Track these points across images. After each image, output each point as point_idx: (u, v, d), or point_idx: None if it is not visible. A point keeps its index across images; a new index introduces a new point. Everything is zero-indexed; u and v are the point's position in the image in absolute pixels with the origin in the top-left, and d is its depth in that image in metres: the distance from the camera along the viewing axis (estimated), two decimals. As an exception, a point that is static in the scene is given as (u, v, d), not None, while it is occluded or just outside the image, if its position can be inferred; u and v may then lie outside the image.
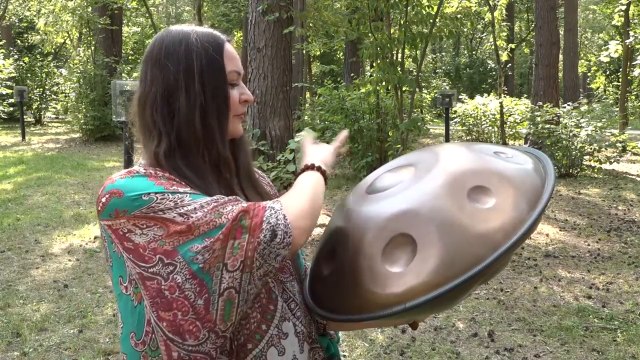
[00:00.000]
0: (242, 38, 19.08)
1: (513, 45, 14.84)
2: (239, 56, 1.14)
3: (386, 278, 0.98)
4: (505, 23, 19.66)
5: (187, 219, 0.94)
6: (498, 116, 11.33)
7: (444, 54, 33.72)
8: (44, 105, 21.00)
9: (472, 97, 15.15)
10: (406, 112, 7.99)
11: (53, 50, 23.24)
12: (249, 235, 0.93)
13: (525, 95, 20.15)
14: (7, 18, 22.47)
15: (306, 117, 13.80)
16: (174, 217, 0.94)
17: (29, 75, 19.97)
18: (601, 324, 3.85)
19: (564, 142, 9.68)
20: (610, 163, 10.25)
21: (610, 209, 7.40)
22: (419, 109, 15.82)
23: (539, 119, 10.35)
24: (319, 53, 22.40)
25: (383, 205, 1.05)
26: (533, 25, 13.02)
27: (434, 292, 0.93)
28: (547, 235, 6.17)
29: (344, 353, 3.45)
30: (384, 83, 7.39)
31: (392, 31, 7.41)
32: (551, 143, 9.73)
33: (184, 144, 1.04)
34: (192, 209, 0.95)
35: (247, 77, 6.46)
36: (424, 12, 7.07)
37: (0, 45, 17.98)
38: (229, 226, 0.93)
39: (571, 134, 9.75)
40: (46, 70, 20.18)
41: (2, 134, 17.35)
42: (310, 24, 10.56)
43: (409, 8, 6.91)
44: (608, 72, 28.66)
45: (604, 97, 25.94)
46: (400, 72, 6.97)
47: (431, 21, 7.00)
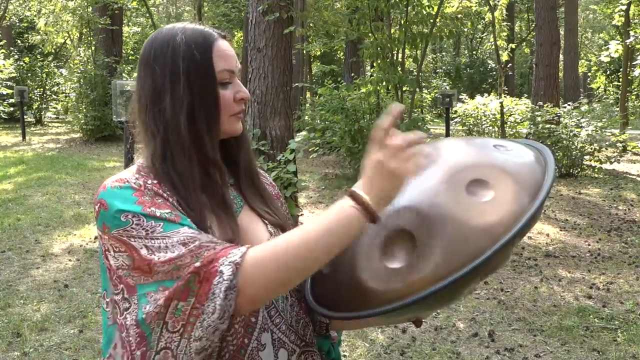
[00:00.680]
0: (242, 38, 19.08)
1: (513, 45, 14.83)
2: (235, 53, 1.11)
3: (386, 274, 0.98)
4: (505, 23, 19.66)
5: (151, 255, 0.92)
6: (498, 116, 11.33)
7: (444, 54, 33.71)
8: (45, 105, 21.01)
9: (472, 97, 15.14)
10: (406, 112, 7.99)
11: (53, 50, 23.23)
12: (194, 301, 0.90)
13: (526, 95, 20.15)
14: (8, 18, 22.46)
15: (306, 117, 13.80)
16: (141, 249, 0.93)
17: (29, 75, 19.98)
18: (601, 324, 3.85)
19: (565, 142, 9.67)
20: (611, 163, 10.25)
21: (611, 209, 7.40)
22: (420, 109, 15.82)
23: (539, 118, 10.35)
24: (319, 53, 22.40)
25: None
26: (533, 25, 13.02)
27: (433, 286, 0.93)
28: (548, 235, 6.17)
29: (344, 353, 3.45)
30: (384, 83, 7.39)
31: (392, 31, 7.41)
32: (551, 143, 9.72)
33: (172, 146, 1.03)
34: (158, 247, 0.93)
35: (248, 77, 6.46)
36: (424, 12, 7.07)
37: (1, 45, 17.98)
38: (177, 286, 0.90)
39: (571, 134, 9.75)
40: (46, 70, 20.18)
41: (3, 134, 17.35)
42: (311, 24, 10.56)
43: (409, 8, 6.91)
44: (608, 72, 28.65)
45: (604, 97, 25.92)
46: (400, 72, 6.97)
47: (431, 21, 7.00)
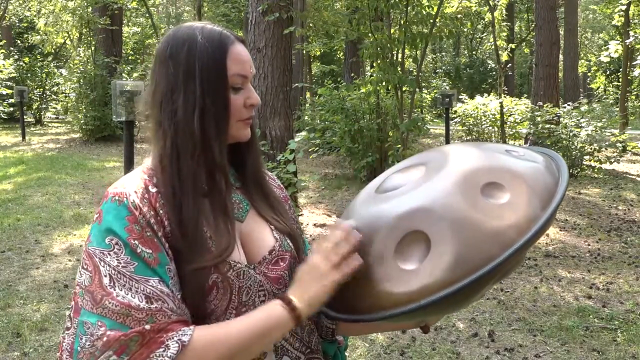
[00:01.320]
0: (242, 38, 19.05)
1: (513, 45, 14.82)
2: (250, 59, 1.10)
3: (399, 276, 0.97)
4: (505, 23, 19.66)
5: (110, 288, 0.91)
6: (498, 116, 11.32)
7: (444, 54, 33.72)
8: (44, 106, 21.02)
9: (472, 97, 15.14)
10: (406, 112, 7.99)
11: (53, 51, 23.23)
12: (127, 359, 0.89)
13: (526, 95, 20.15)
14: (8, 18, 22.46)
15: (306, 117, 13.80)
16: (105, 276, 0.92)
17: (29, 75, 19.98)
18: (601, 324, 3.85)
19: (564, 142, 9.68)
20: (611, 163, 10.25)
21: (611, 209, 7.40)
22: (419, 109, 15.83)
23: (539, 119, 10.35)
24: (319, 53, 22.40)
25: (394, 204, 1.04)
26: (533, 25, 13.02)
27: (448, 289, 0.91)
28: (548, 235, 6.17)
29: (345, 353, 3.45)
30: (384, 83, 7.39)
31: (392, 31, 7.40)
32: (551, 143, 9.73)
33: (180, 146, 1.02)
34: (122, 284, 0.91)
35: (248, 78, 6.47)
36: (424, 12, 7.07)
37: (1, 45, 17.98)
38: (118, 337, 0.88)
39: (571, 134, 9.75)
40: (46, 70, 20.19)
41: (2, 134, 17.35)
42: (311, 24, 10.57)
43: (409, 8, 6.91)
44: (608, 72, 28.66)
45: (604, 97, 25.93)
46: (400, 72, 6.97)
47: (431, 21, 7.00)
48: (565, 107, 10.66)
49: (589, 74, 30.96)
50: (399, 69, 7.09)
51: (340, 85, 11.09)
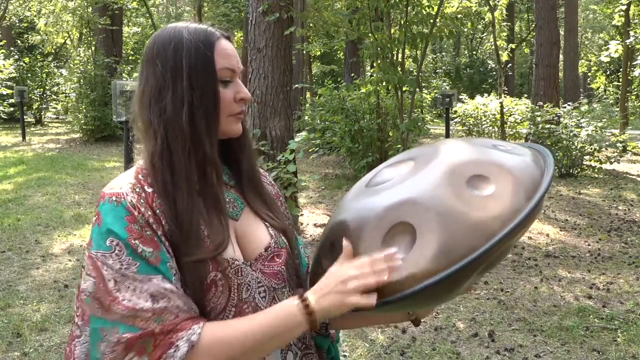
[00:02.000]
0: (242, 38, 19.08)
1: (513, 45, 14.83)
2: (238, 54, 1.11)
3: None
4: (505, 23, 19.67)
5: (116, 292, 0.92)
6: (498, 116, 11.32)
7: (444, 54, 33.71)
8: (44, 106, 21.03)
9: (472, 97, 15.14)
10: (406, 112, 7.99)
11: (53, 51, 23.22)
12: None
13: (526, 95, 20.14)
14: (8, 18, 22.46)
15: (306, 117, 13.79)
16: (109, 281, 0.92)
17: (29, 75, 19.99)
18: (601, 324, 3.85)
19: (564, 142, 9.67)
20: (611, 163, 10.25)
21: (611, 209, 7.40)
22: (419, 109, 15.82)
23: (539, 119, 10.34)
24: (319, 53, 22.41)
25: (382, 197, 1.05)
26: (533, 25, 13.02)
27: (431, 278, 0.93)
28: (548, 235, 6.17)
29: (345, 353, 3.45)
30: (384, 83, 7.39)
31: (392, 31, 7.40)
32: (551, 143, 9.72)
33: (171, 143, 1.02)
34: (127, 286, 0.92)
35: (248, 77, 6.46)
36: (424, 12, 7.06)
37: (1, 45, 17.98)
38: (135, 337, 0.90)
39: (571, 134, 9.75)
40: (46, 70, 20.20)
41: (3, 134, 17.35)
42: (311, 24, 10.56)
43: (409, 8, 6.90)
44: (608, 72, 28.66)
45: (604, 97, 25.94)
46: (400, 72, 6.96)
47: (431, 21, 7.00)
48: (565, 107, 10.66)
49: (589, 74, 30.97)
50: (399, 69, 7.08)
51: (340, 85, 11.09)
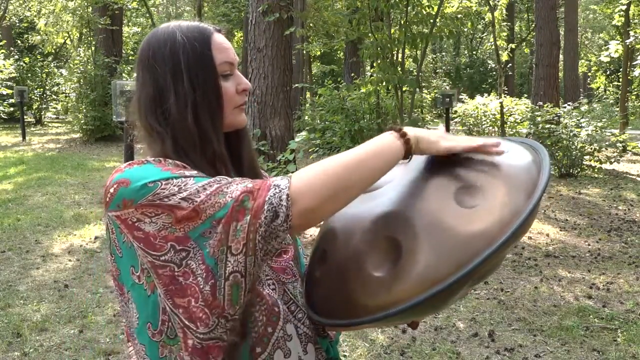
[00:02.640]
0: (242, 38, 19.08)
1: (513, 45, 14.85)
2: (236, 53, 1.12)
3: (371, 282, 0.96)
4: (505, 23, 19.66)
5: (191, 204, 0.92)
6: (498, 116, 11.33)
7: (444, 54, 33.72)
8: (45, 106, 21.03)
9: (472, 97, 15.15)
10: (406, 112, 7.99)
11: (53, 51, 23.24)
12: (250, 217, 0.91)
13: (526, 95, 20.15)
14: (8, 18, 22.47)
15: (306, 117, 13.80)
16: (179, 203, 0.92)
17: (29, 75, 20.00)
18: (601, 324, 3.85)
19: (564, 142, 9.67)
20: (611, 163, 10.25)
21: (611, 209, 7.40)
22: (419, 109, 15.82)
23: (539, 118, 10.35)
24: (319, 53, 22.41)
25: (371, 206, 1.04)
26: (533, 25, 13.02)
27: (417, 297, 0.91)
28: (548, 235, 6.17)
29: (345, 353, 3.45)
30: (384, 83, 7.39)
31: (392, 31, 7.40)
32: (551, 143, 9.72)
33: (181, 143, 1.03)
34: (195, 191, 0.93)
35: (248, 77, 6.47)
36: (424, 12, 7.07)
37: (1, 45, 17.99)
38: (231, 208, 0.91)
39: (571, 134, 9.75)
40: (46, 70, 20.20)
41: (3, 134, 17.35)
42: (311, 24, 10.56)
43: (409, 8, 6.91)
44: (608, 72, 28.68)
45: (604, 97, 25.93)
46: (400, 72, 6.97)
47: (431, 21, 7.00)
48: (565, 107, 10.66)
49: (589, 74, 30.97)
50: (399, 69, 7.08)
51: (340, 86, 11.09)
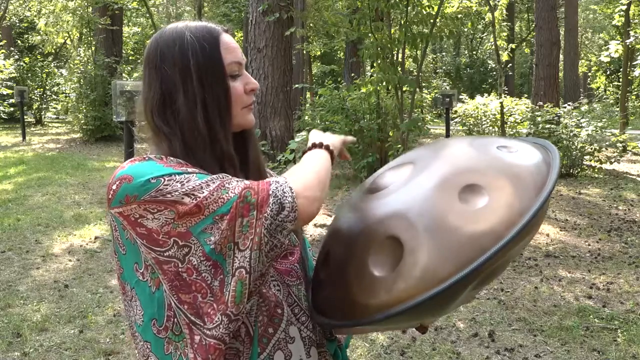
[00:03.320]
0: (242, 38, 19.08)
1: (513, 45, 14.82)
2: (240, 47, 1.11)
3: (373, 283, 0.96)
4: (505, 23, 19.67)
5: (194, 199, 0.93)
6: (498, 116, 11.32)
7: (444, 54, 33.71)
8: (45, 106, 21.02)
9: (472, 97, 15.15)
10: (407, 112, 7.99)
11: (53, 51, 23.23)
12: (257, 212, 0.92)
13: (526, 95, 20.15)
14: (8, 18, 22.44)
15: (306, 117, 13.79)
16: (182, 199, 0.93)
17: (29, 75, 19.98)
18: (602, 324, 3.85)
19: (565, 142, 9.67)
20: (611, 163, 10.24)
21: (611, 209, 7.40)
22: (420, 109, 15.82)
23: (539, 119, 10.34)
24: (319, 53, 22.41)
25: (376, 206, 1.03)
26: (533, 26, 13.02)
27: (418, 297, 0.90)
28: (548, 235, 6.17)
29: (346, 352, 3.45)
30: (384, 83, 7.39)
31: (392, 31, 7.40)
32: (551, 143, 9.72)
33: (190, 143, 1.03)
34: (199, 187, 0.93)
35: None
36: (425, 12, 7.06)
37: (1, 45, 17.98)
38: (236, 204, 0.92)
39: (571, 134, 9.75)
40: (47, 70, 20.19)
41: (3, 134, 17.35)
42: (311, 24, 10.56)
43: (409, 8, 6.91)
44: (608, 72, 28.67)
45: (605, 97, 25.93)
46: (400, 72, 6.97)
47: (431, 21, 7.00)
48: (565, 107, 10.65)
49: (589, 74, 30.96)
50: (399, 69, 7.08)
51: (340, 86, 11.08)
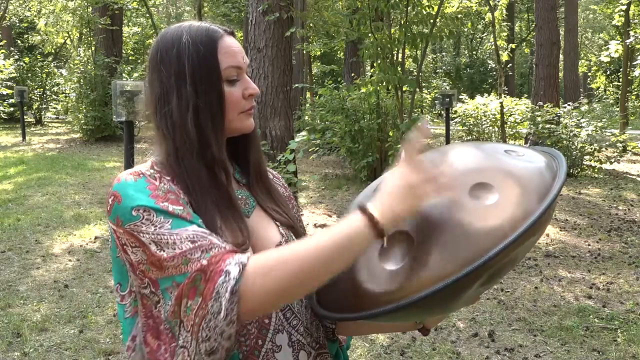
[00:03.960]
0: (242, 38, 19.09)
1: (513, 45, 14.86)
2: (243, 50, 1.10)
3: (382, 276, 0.97)
4: (505, 23, 19.68)
5: (160, 252, 0.91)
6: (498, 116, 11.33)
7: (444, 54, 33.71)
8: (45, 106, 21.01)
9: (472, 97, 15.14)
10: (406, 112, 7.99)
11: (53, 51, 23.23)
12: (201, 300, 0.87)
13: (526, 95, 20.15)
14: (8, 18, 22.45)
15: (306, 117, 13.79)
16: (150, 244, 0.92)
17: (29, 75, 19.97)
18: (601, 324, 3.85)
19: (565, 142, 9.68)
20: (611, 163, 10.25)
21: (611, 209, 7.40)
22: (420, 109, 15.82)
23: (539, 119, 10.35)
24: (319, 53, 22.41)
25: None
26: (533, 26, 13.03)
27: (426, 290, 0.91)
28: (548, 235, 6.17)
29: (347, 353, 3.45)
30: (384, 83, 7.39)
31: (392, 31, 7.40)
32: (551, 143, 9.72)
33: (180, 147, 1.02)
34: (166, 242, 0.91)
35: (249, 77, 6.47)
36: (424, 12, 7.07)
37: (1, 45, 17.98)
38: (185, 283, 0.89)
39: (571, 134, 9.75)
40: (46, 70, 20.18)
41: (3, 134, 17.35)
42: (311, 24, 10.56)
43: (409, 8, 6.91)
44: (608, 72, 28.68)
45: (604, 97, 25.94)
46: (400, 72, 6.97)
47: (431, 21, 7.00)
48: (565, 107, 10.66)
49: (589, 74, 30.96)
50: (399, 69, 7.09)
51: (340, 86, 11.08)
